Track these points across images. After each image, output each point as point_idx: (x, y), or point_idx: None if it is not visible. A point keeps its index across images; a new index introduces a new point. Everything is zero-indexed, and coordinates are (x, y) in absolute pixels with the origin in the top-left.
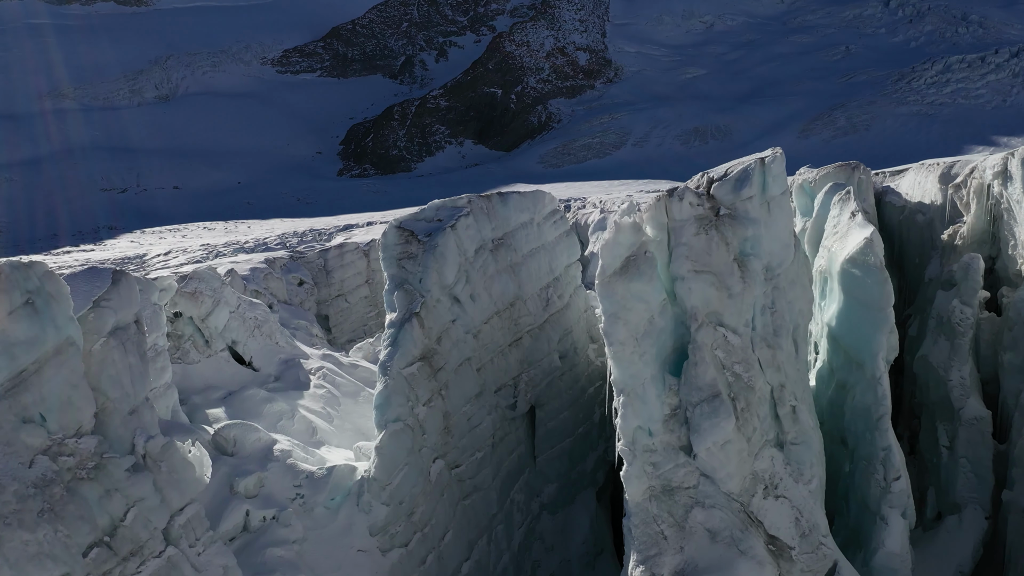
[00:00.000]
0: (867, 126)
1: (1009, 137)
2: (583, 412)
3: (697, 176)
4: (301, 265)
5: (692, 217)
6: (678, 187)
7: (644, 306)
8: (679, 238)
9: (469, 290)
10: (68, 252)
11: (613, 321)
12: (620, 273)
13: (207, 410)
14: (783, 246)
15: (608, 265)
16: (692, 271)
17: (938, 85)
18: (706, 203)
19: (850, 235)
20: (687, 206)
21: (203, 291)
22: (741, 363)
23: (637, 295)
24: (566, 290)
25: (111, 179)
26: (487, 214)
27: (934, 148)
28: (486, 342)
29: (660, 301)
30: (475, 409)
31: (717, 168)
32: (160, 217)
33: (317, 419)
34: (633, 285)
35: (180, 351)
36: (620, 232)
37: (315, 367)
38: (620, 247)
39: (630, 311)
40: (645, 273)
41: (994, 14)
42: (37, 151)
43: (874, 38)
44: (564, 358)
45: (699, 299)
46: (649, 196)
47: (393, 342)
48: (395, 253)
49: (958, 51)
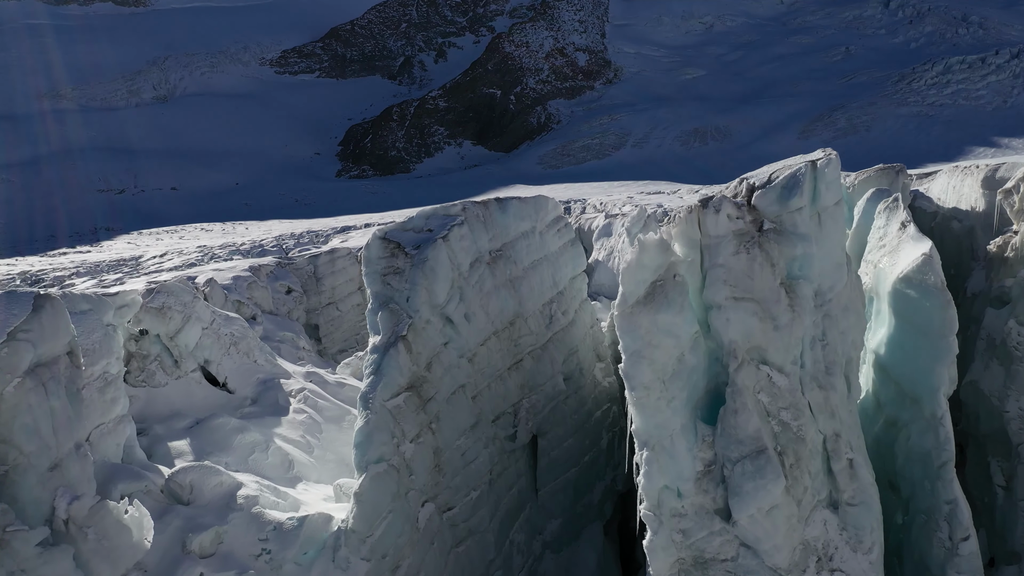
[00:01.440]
0: (868, 127)
1: (1010, 138)
2: (589, 438)
3: (734, 183)
4: (289, 272)
5: (730, 233)
6: (713, 196)
7: (673, 342)
8: (715, 258)
9: (463, 309)
10: (64, 254)
11: (636, 361)
12: (645, 302)
13: (170, 442)
14: (836, 266)
15: (630, 293)
16: (731, 298)
17: (938, 86)
18: (747, 215)
19: (902, 250)
20: (724, 219)
21: (172, 306)
22: (789, 409)
23: (665, 329)
24: (571, 305)
25: (109, 180)
26: (484, 223)
27: (935, 149)
28: (482, 366)
29: (692, 335)
30: (470, 442)
31: (758, 172)
32: (158, 218)
33: (295, 450)
34: (660, 317)
35: (145, 373)
36: (645, 252)
37: (296, 388)
38: (645, 270)
39: (656, 348)
40: (675, 302)
41: (994, 15)
42: (35, 152)
43: (874, 39)
44: (569, 380)
45: (739, 332)
46: (652, 198)
47: (376, 370)
48: (379, 268)
49: (958, 52)
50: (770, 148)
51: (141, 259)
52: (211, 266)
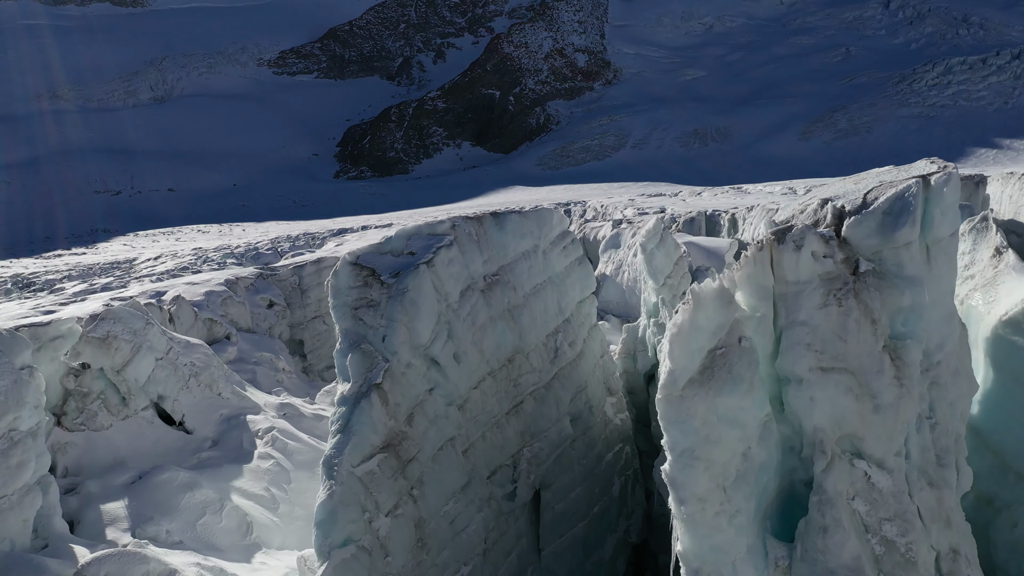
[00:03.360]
0: (868, 128)
1: (1012, 139)
2: (599, 486)
3: (813, 204)
4: (272, 283)
5: (816, 277)
6: (791, 226)
7: (738, 434)
8: (794, 313)
9: (452, 347)
10: (59, 256)
11: (688, 465)
12: (701, 381)
13: (105, 504)
14: (946, 317)
15: (681, 369)
16: (817, 369)
17: (939, 87)
18: (837, 252)
19: (1002, 284)
20: (808, 259)
21: (118, 334)
22: (894, 520)
23: (729, 416)
24: (579, 333)
25: (106, 181)
26: (477, 242)
27: (936, 151)
28: (476, 414)
29: (761, 419)
30: (460, 507)
31: (842, 189)
32: (155, 219)
33: (256, 508)
34: (723, 401)
35: (84, 414)
36: (701, 309)
37: (264, 428)
38: (701, 334)
39: (716, 445)
40: (742, 378)
41: (995, 16)
42: (33, 152)
43: (874, 40)
44: (577, 421)
45: (828, 416)
46: (653, 200)
47: (344, 427)
48: (349, 300)
49: (959, 53)
50: (771, 149)
51: (135, 262)
52: (183, 279)
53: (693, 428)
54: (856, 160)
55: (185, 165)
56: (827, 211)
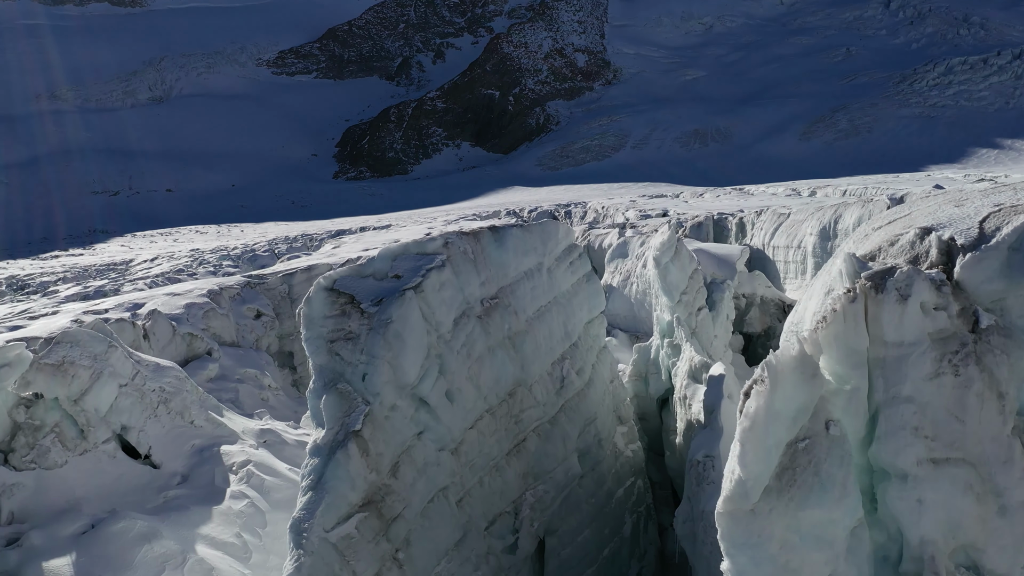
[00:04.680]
0: (869, 128)
1: (1013, 139)
2: (609, 526)
3: (908, 235)
4: (260, 293)
5: (926, 337)
6: (892, 268)
7: (825, 556)
8: (897, 385)
9: (444, 385)
10: (56, 257)
11: None
12: (779, 491)
13: (48, 561)
14: None
15: (754, 479)
16: (928, 461)
17: (940, 87)
18: (952, 303)
19: None
20: (917, 312)
21: (76, 360)
22: None
23: (815, 535)
24: (587, 359)
25: (104, 181)
26: (473, 262)
27: (937, 151)
28: (472, 458)
29: (851, 529)
30: (455, 567)
31: (947, 218)
32: (154, 220)
33: (225, 560)
34: (808, 515)
35: (35, 451)
36: (779, 387)
37: (240, 461)
38: (778, 424)
39: (796, 574)
40: (833, 480)
41: (995, 16)
42: (32, 153)
43: (875, 40)
44: (585, 456)
45: (940, 523)
46: (654, 201)
47: (316, 483)
48: (324, 332)
49: (960, 53)
50: (771, 150)
51: (131, 263)
52: (164, 289)
53: (768, 555)
54: (857, 160)
55: (184, 165)
56: (930, 244)
